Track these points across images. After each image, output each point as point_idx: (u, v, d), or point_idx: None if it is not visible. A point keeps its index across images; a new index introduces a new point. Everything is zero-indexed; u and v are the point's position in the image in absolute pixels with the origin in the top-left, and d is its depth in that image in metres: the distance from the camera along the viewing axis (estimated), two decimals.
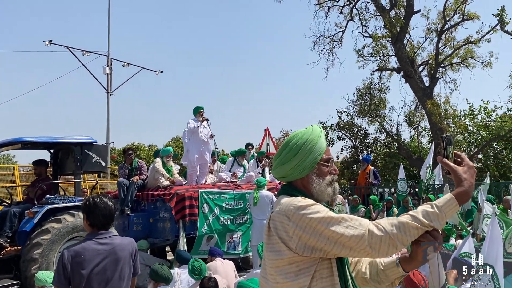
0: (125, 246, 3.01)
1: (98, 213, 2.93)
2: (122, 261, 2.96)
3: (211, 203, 8.34)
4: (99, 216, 2.94)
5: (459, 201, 1.58)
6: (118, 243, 2.98)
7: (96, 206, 2.94)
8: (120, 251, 2.96)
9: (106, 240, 2.95)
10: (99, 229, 2.96)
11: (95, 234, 2.95)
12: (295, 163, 1.77)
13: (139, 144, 37.04)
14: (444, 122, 16.94)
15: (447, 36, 18.45)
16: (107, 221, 2.98)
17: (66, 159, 7.76)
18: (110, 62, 19.37)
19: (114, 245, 2.95)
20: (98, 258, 2.87)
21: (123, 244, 3.01)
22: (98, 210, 2.94)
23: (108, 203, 2.99)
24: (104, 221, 2.96)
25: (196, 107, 9.09)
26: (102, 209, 2.94)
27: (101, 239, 2.93)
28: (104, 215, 2.95)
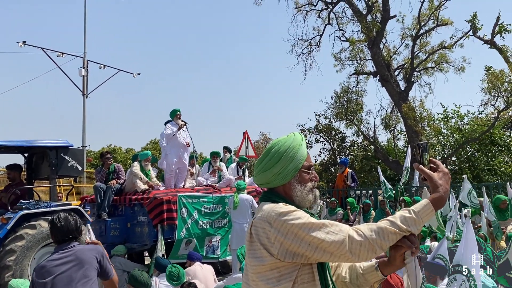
0: (86, 251, 3.28)
1: (57, 232, 3.27)
2: (85, 264, 3.20)
3: (189, 207, 8.28)
4: (58, 235, 3.27)
5: (435, 206, 1.63)
6: (79, 249, 3.27)
7: (55, 225, 3.27)
8: (81, 254, 3.22)
9: (67, 252, 3.24)
10: (60, 243, 3.28)
11: (58, 247, 3.28)
12: (277, 170, 1.79)
13: (116, 147, 36.54)
14: (419, 125, 17.30)
15: (422, 41, 18.88)
16: (66, 237, 3.28)
17: (41, 163, 7.58)
18: (86, 64, 19.04)
19: (75, 250, 3.23)
20: (61, 264, 3.15)
21: (85, 249, 3.30)
22: (56, 230, 3.28)
23: (66, 220, 3.30)
24: (61, 238, 3.28)
25: (173, 110, 9.03)
26: (60, 228, 3.26)
27: (60, 252, 3.24)
28: (62, 232, 3.26)
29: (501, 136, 21.03)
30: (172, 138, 8.77)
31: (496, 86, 16.39)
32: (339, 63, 20.16)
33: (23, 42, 17.17)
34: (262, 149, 28.97)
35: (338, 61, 20.11)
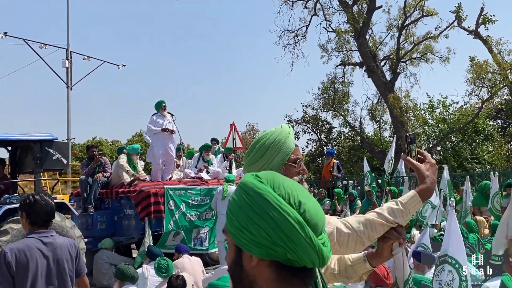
0: (67, 246, 3.01)
1: (40, 211, 2.88)
2: (65, 261, 2.96)
3: (177, 199, 8.26)
4: (41, 214, 2.88)
5: (422, 198, 1.64)
6: (60, 243, 2.97)
7: (37, 204, 2.88)
8: (62, 251, 2.96)
9: (49, 240, 2.92)
10: (40, 227, 2.91)
11: (36, 232, 2.90)
12: (263, 164, 1.77)
13: (101, 139, 36.17)
14: (405, 115, 17.45)
15: (408, 32, 18.97)
16: (49, 218, 2.95)
17: (25, 157, 7.46)
18: (70, 55, 18.73)
19: (56, 245, 2.93)
20: (42, 257, 2.86)
21: (65, 245, 3.00)
22: (39, 208, 2.88)
23: (48, 200, 2.95)
24: (45, 218, 2.92)
25: (158, 102, 8.96)
26: (43, 206, 2.89)
27: (44, 238, 2.90)
28: (46, 212, 2.90)
29: (485, 126, 21.36)
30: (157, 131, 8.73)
31: (480, 76, 16.60)
32: (325, 54, 20.18)
33: (4, 33, 16.79)
34: (250, 140, 28.98)
35: (324, 52, 20.12)
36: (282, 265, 0.95)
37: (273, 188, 0.96)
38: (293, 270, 0.96)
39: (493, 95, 17.31)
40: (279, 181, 0.98)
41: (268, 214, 0.92)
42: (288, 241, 0.92)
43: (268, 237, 0.92)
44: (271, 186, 0.96)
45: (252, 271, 0.97)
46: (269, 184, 0.96)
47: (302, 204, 0.94)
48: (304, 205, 0.94)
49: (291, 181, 1.01)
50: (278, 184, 0.97)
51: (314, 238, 0.93)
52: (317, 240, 0.94)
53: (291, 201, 0.94)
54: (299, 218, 0.92)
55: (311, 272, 0.99)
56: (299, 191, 0.97)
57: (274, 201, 0.93)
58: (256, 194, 0.95)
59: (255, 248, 0.94)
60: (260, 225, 0.93)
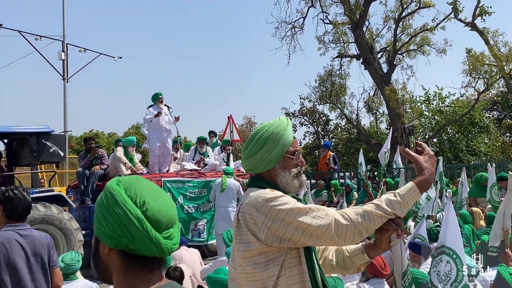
0: (43, 240, 3.09)
1: (17, 204, 2.98)
2: (43, 253, 3.04)
3: (174, 191, 8.27)
4: (18, 208, 2.98)
5: (421, 189, 1.65)
6: (37, 236, 3.07)
7: (15, 198, 2.98)
8: (40, 243, 3.05)
9: (26, 232, 3.02)
10: (16, 220, 3.00)
11: (13, 225, 3.00)
12: (261, 156, 1.79)
13: (98, 132, 36.05)
14: (401, 107, 17.50)
15: (404, 24, 18.98)
16: (25, 213, 3.05)
17: (21, 150, 7.44)
18: (66, 47, 18.57)
19: (33, 238, 3.03)
20: (21, 249, 2.94)
21: (42, 237, 3.09)
22: (17, 201, 2.98)
23: (25, 195, 3.05)
24: (22, 213, 3.02)
25: (155, 94, 8.93)
26: (21, 200, 2.99)
27: (20, 230, 2.99)
28: (23, 206, 3.01)
29: (481, 118, 21.44)
30: (154, 123, 8.69)
31: (476, 68, 16.64)
32: (322, 46, 20.18)
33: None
34: (247, 133, 28.96)
35: (321, 44, 20.12)
36: (127, 254, 1.12)
37: (125, 190, 1.13)
38: (136, 258, 1.12)
39: (489, 87, 17.37)
40: (134, 185, 1.14)
41: (115, 211, 1.10)
42: (128, 234, 1.08)
43: (114, 230, 1.09)
44: (124, 188, 1.13)
45: (105, 258, 1.15)
46: (123, 187, 1.14)
47: (146, 204, 1.11)
48: (148, 205, 1.11)
49: (148, 186, 1.17)
50: (131, 187, 1.14)
51: (151, 233, 1.09)
52: (155, 234, 1.10)
53: (136, 201, 1.11)
54: (139, 215, 1.09)
55: (156, 259, 1.14)
56: (151, 193, 1.14)
57: (120, 200, 1.10)
58: (110, 194, 1.13)
59: (106, 239, 1.11)
60: (108, 220, 1.10)
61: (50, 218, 6.62)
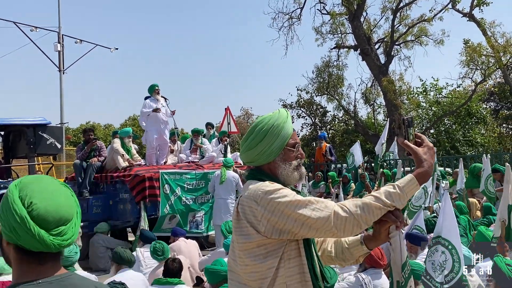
0: None
1: None
2: None
3: (172, 183, 8.28)
4: None
5: (420, 181, 1.65)
6: None
7: None
8: None
9: None
10: None
11: None
12: (261, 149, 1.79)
13: (95, 123, 35.94)
14: (398, 99, 17.49)
15: (402, 14, 18.90)
16: None
17: (18, 142, 7.43)
18: (62, 38, 18.45)
19: None
20: None
21: None
22: None
23: None
24: None
25: (151, 86, 8.90)
26: None
27: None
28: None
29: (478, 109, 21.48)
30: (151, 115, 8.68)
31: (473, 59, 16.62)
32: (320, 37, 20.08)
33: None
34: (244, 124, 28.93)
35: (319, 34, 20.02)
36: (19, 248, 1.24)
37: (20, 190, 1.24)
38: (26, 252, 1.24)
39: (487, 78, 17.36)
40: (30, 186, 1.25)
41: (5, 210, 1.22)
42: (14, 232, 1.20)
43: (5, 227, 1.22)
44: (19, 189, 1.24)
45: (6, 250, 1.29)
46: (19, 188, 1.24)
47: (33, 204, 1.21)
48: (35, 205, 1.21)
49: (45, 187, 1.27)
50: (26, 188, 1.24)
51: (35, 230, 1.19)
52: (39, 232, 1.20)
53: (25, 201, 1.21)
54: (23, 215, 1.19)
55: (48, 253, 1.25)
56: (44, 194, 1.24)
57: (11, 201, 1.21)
58: (7, 193, 1.25)
59: (4, 234, 1.25)
60: (2, 217, 1.22)
61: None
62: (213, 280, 3.70)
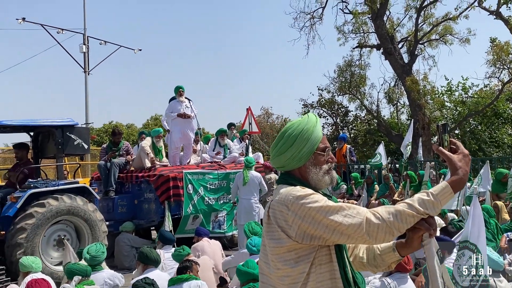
0: None
1: None
2: None
3: (195, 183, 8.36)
4: None
5: (454, 189, 1.63)
6: None
7: None
8: None
9: None
10: None
11: None
12: (291, 153, 1.80)
13: (118, 123, 36.47)
14: (423, 98, 17.20)
15: (426, 13, 18.57)
16: None
17: (47, 142, 7.60)
18: (87, 40, 18.82)
19: None
20: None
21: None
22: None
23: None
24: None
25: (176, 87, 9.05)
26: None
27: None
28: None
29: (505, 109, 20.95)
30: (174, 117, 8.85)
31: (501, 58, 16.22)
32: (342, 36, 19.89)
33: (22, 18, 16.94)
34: (264, 124, 28.94)
35: (341, 34, 19.84)
36: None
37: None
38: None
39: None
40: None
41: None
42: None
43: None
44: None
45: None
46: None
47: None
48: None
49: None
50: None
51: None
52: None
53: None
54: None
55: None
56: None
57: None
58: None
59: None
60: None
61: (76, 210, 6.77)
62: (242, 279, 3.81)
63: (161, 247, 6.18)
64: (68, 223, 6.91)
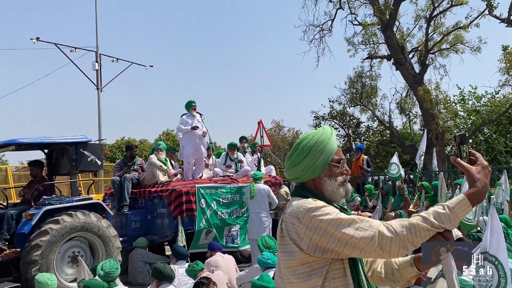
0: None
1: None
2: None
3: (208, 198, 8.36)
4: None
5: (472, 202, 1.57)
6: None
7: None
8: None
9: None
10: None
11: None
12: (306, 165, 1.78)
13: (130, 139, 36.80)
14: (435, 108, 17.04)
15: (436, 22, 18.49)
16: None
17: (61, 159, 7.70)
18: (99, 57, 19.14)
19: None
20: None
21: None
22: None
23: None
24: None
25: (188, 102, 9.09)
26: None
27: None
28: None
29: None
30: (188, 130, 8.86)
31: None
32: (352, 48, 19.88)
33: (36, 38, 17.31)
34: (276, 137, 28.89)
35: (351, 45, 19.83)
36: None
37: None
38: None
39: None
40: None
41: None
42: None
43: None
44: None
45: None
46: None
47: None
48: None
49: None
50: None
51: None
52: None
53: None
54: None
55: None
56: None
57: None
58: None
59: None
60: None
61: (90, 226, 6.81)
62: None
63: (175, 263, 6.17)
64: (82, 240, 6.94)
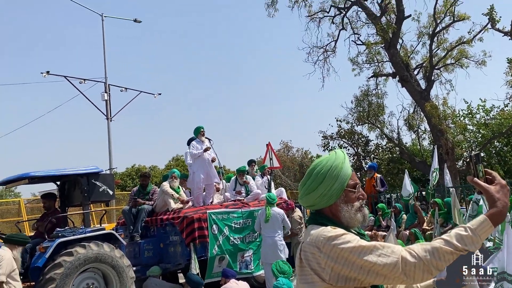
0: None
1: None
2: None
3: (220, 223, 8.29)
4: None
5: (494, 222, 1.55)
6: None
7: None
8: None
9: None
10: None
11: None
12: (321, 192, 1.76)
13: (140, 166, 36.94)
14: (443, 123, 16.97)
15: (440, 38, 18.61)
16: None
17: (73, 191, 7.74)
18: (108, 88, 19.42)
19: None
20: None
21: None
22: None
23: None
24: None
25: (197, 128, 9.14)
26: None
27: None
28: None
29: None
30: (198, 156, 8.88)
31: None
32: (356, 67, 20.04)
33: (46, 72, 17.66)
34: (285, 158, 28.85)
35: (355, 65, 19.99)
36: None
37: None
38: None
39: None
40: None
41: None
42: None
43: None
44: None
45: None
46: None
47: None
48: None
49: None
50: None
51: None
52: None
53: None
54: None
55: None
56: None
57: None
58: None
59: None
60: None
61: (103, 257, 6.78)
62: None
63: None
64: (96, 271, 6.90)
